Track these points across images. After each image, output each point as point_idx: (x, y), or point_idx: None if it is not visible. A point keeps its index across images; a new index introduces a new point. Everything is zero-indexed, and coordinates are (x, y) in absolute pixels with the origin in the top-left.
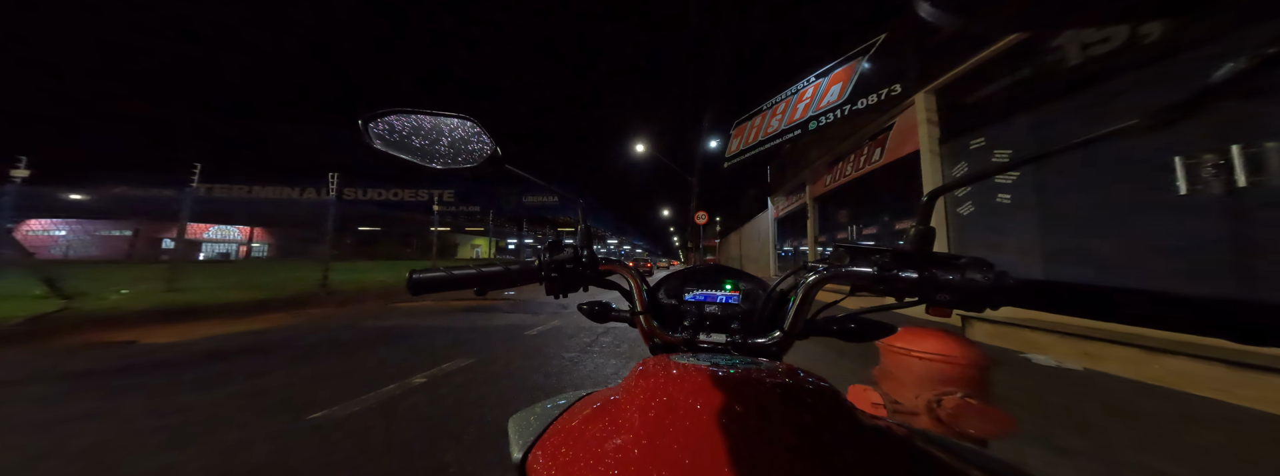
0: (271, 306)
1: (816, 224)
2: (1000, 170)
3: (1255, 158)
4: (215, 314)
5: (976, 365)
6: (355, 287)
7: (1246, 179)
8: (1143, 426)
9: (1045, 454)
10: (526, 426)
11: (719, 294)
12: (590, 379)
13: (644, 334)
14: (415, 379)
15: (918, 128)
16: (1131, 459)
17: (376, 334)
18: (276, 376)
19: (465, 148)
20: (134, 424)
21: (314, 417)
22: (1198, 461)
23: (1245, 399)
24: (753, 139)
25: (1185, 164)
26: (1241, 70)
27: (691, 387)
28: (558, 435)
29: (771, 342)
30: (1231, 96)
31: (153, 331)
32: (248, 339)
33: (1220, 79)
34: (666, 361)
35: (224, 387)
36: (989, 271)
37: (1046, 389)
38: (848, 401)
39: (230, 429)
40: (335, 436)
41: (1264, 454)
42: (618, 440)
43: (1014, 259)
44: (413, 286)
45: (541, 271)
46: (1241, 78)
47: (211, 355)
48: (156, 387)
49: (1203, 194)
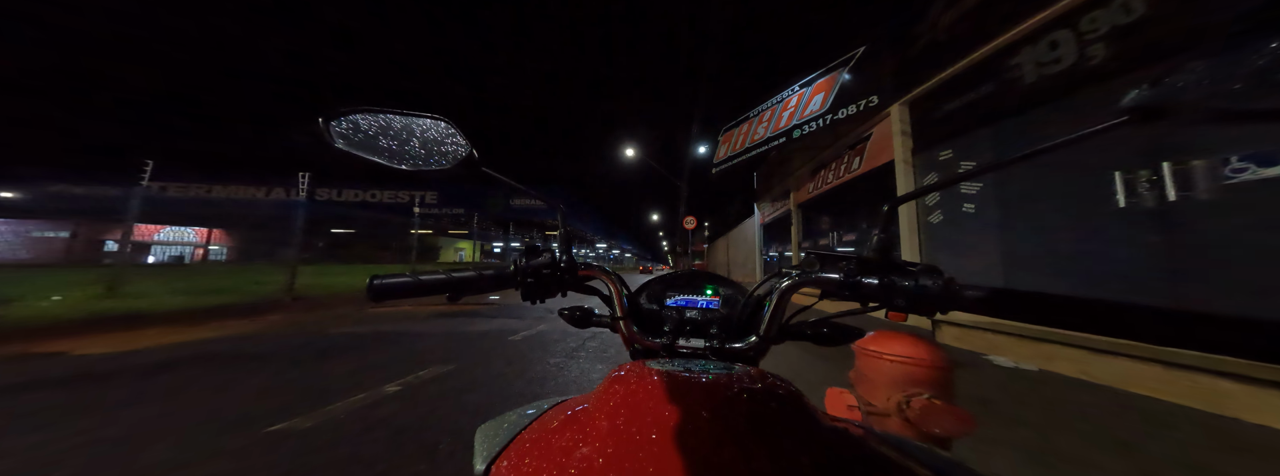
0: (228, 313)
1: (800, 230)
2: (953, 182)
3: (1182, 173)
4: (162, 321)
5: (941, 367)
6: (325, 292)
7: (1176, 193)
8: (1070, 418)
9: (973, 443)
10: (495, 436)
11: (700, 299)
12: (575, 384)
13: (625, 339)
14: (388, 387)
15: (893, 138)
16: (1056, 444)
17: (347, 340)
18: (229, 387)
19: (438, 149)
20: (45, 448)
21: (272, 430)
22: (1108, 444)
23: (1171, 394)
24: (740, 146)
25: (1124, 178)
26: (1145, 95)
27: (659, 394)
28: (524, 444)
29: (748, 347)
30: (1137, 121)
31: (88, 341)
32: (198, 348)
33: (1128, 104)
34: (638, 367)
35: (165, 401)
36: (939, 278)
37: (1002, 387)
38: (810, 405)
39: (162, 448)
40: (293, 451)
41: (1165, 438)
42: (583, 448)
43: (978, 264)
44: (373, 292)
45: (517, 276)
46: (1144, 103)
47: (154, 366)
48: (84, 403)
49: (1139, 206)
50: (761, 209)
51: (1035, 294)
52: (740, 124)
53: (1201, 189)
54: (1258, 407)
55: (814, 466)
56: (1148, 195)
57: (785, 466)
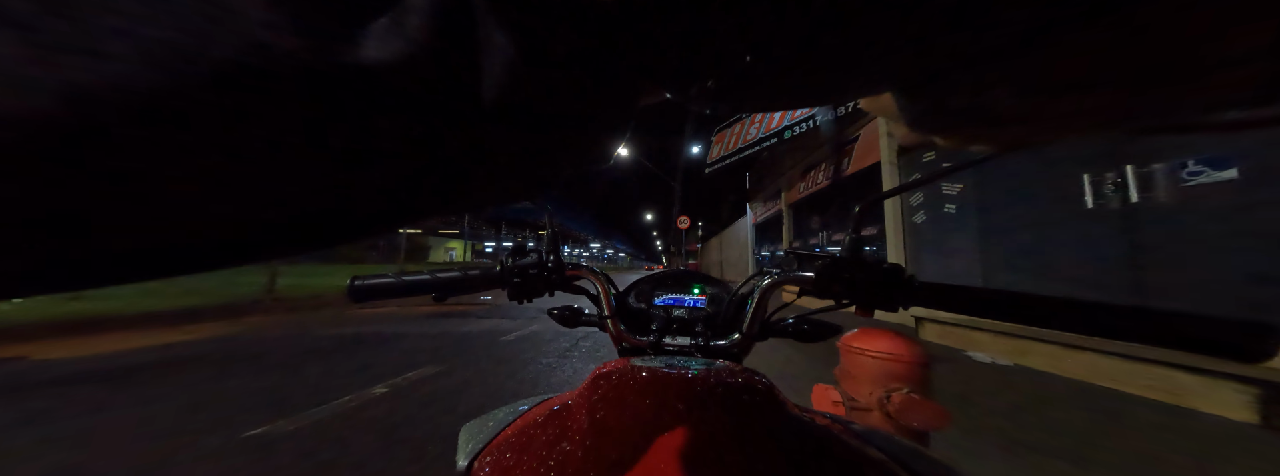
0: (204, 314)
1: (791, 229)
2: (925, 182)
3: (1144, 177)
4: (133, 324)
5: (921, 363)
6: (309, 293)
7: (1137, 195)
8: (1030, 406)
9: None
10: (479, 434)
11: (687, 297)
12: (568, 384)
13: (613, 338)
14: (376, 389)
15: (879, 140)
16: (1004, 430)
17: (333, 342)
18: (204, 391)
19: None
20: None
21: (251, 435)
22: (1053, 428)
23: (1131, 386)
24: (733, 146)
25: (1091, 181)
26: None
27: (639, 390)
28: (507, 441)
29: (732, 344)
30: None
31: (51, 345)
32: (172, 351)
33: None
34: (621, 365)
35: (133, 406)
36: (899, 276)
37: (979, 381)
38: (783, 399)
39: (125, 456)
40: (273, 455)
41: (1114, 427)
42: (564, 445)
43: (959, 261)
44: (355, 293)
45: (504, 276)
46: None
47: (123, 370)
48: (43, 410)
49: (1105, 206)
50: (754, 209)
51: (988, 290)
52: (733, 124)
53: (1161, 191)
54: (1208, 397)
55: (784, 457)
56: (1113, 196)
57: (755, 458)
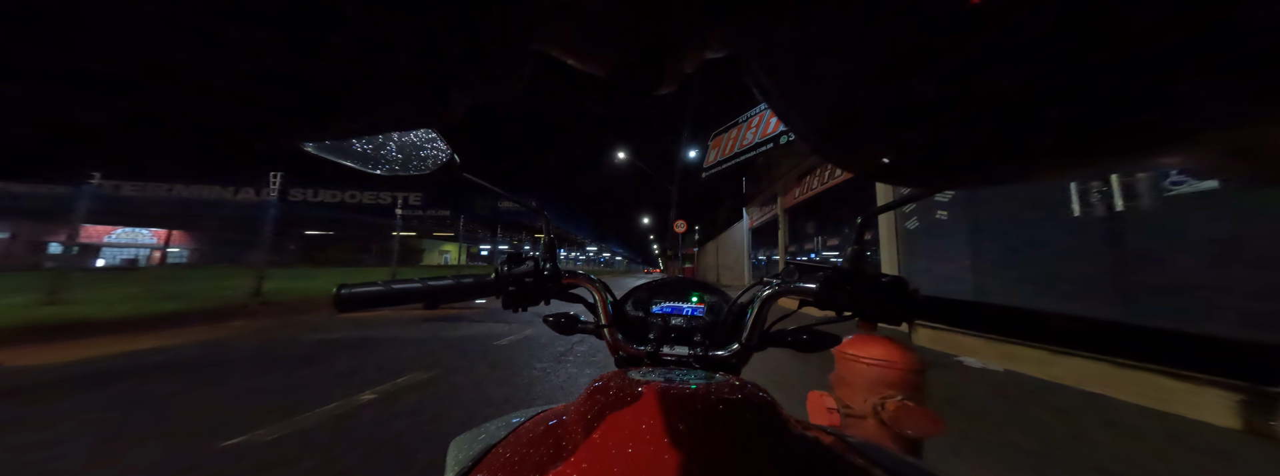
0: (186, 319)
1: (787, 234)
2: (924, 195)
3: (1129, 186)
4: (113, 329)
5: (914, 370)
6: (297, 297)
7: (1123, 203)
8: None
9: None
10: (469, 449)
11: (685, 306)
12: (562, 391)
13: (609, 347)
14: (363, 395)
15: None
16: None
17: (321, 347)
18: (183, 398)
19: (417, 154)
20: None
21: (229, 444)
22: (1032, 431)
23: (1118, 391)
24: (729, 150)
25: (1078, 189)
26: None
27: (637, 406)
28: (499, 458)
29: (731, 355)
30: None
31: (24, 351)
32: (152, 356)
33: None
34: (618, 378)
35: (107, 413)
36: (903, 291)
37: (971, 386)
38: (785, 415)
39: (94, 466)
40: (251, 465)
41: (1087, 427)
42: (558, 463)
43: (950, 267)
44: (340, 303)
45: (499, 284)
46: None
47: (99, 376)
48: (13, 418)
49: (1091, 215)
50: (750, 213)
51: (992, 306)
52: (729, 128)
53: (1144, 200)
54: (1193, 403)
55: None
56: (1098, 205)
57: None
